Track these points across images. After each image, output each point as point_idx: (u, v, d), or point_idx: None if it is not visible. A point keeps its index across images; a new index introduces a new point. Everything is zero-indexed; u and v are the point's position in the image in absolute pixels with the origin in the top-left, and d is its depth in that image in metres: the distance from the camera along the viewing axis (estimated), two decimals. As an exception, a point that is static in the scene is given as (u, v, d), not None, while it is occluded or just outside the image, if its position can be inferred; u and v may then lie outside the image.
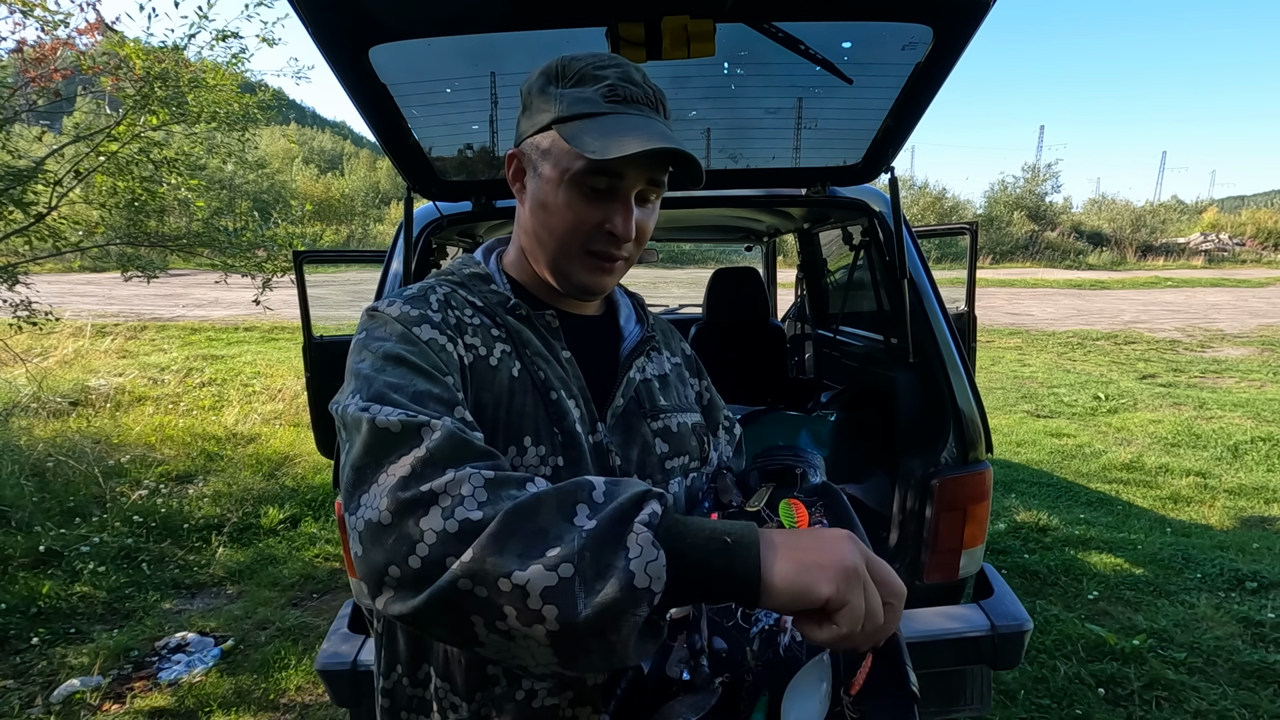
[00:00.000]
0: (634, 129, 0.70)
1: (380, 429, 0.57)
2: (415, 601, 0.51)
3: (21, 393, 5.43)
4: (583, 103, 0.72)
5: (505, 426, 0.73)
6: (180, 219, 5.74)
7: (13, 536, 3.41)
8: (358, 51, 1.12)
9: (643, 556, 0.49)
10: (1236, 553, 3.45)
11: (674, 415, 0.87)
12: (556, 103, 0.73)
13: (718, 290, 3.10)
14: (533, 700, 0.74)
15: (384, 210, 30.54)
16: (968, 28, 1.11)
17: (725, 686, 0.61)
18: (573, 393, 0.78)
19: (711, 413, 0.99)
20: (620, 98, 0.72)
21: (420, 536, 0.51)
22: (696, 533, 0.52)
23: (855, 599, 0.51)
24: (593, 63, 0.74)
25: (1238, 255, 26.30)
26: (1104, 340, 9.98)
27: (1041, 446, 5.36)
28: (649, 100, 0.74)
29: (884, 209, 1.94)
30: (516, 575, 0.48)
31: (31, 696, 2.38)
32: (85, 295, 12.30)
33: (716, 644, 0.65)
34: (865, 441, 2.32)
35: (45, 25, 4.12)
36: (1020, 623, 1.64)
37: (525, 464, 0.72)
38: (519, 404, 0.74)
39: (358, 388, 0.63)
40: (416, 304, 0.75)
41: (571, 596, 0.48)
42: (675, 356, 0.96)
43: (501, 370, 0.75)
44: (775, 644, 0.65)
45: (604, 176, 0.72)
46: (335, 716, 2.33)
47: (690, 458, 0.87)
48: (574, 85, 0.73)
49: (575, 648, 0.49)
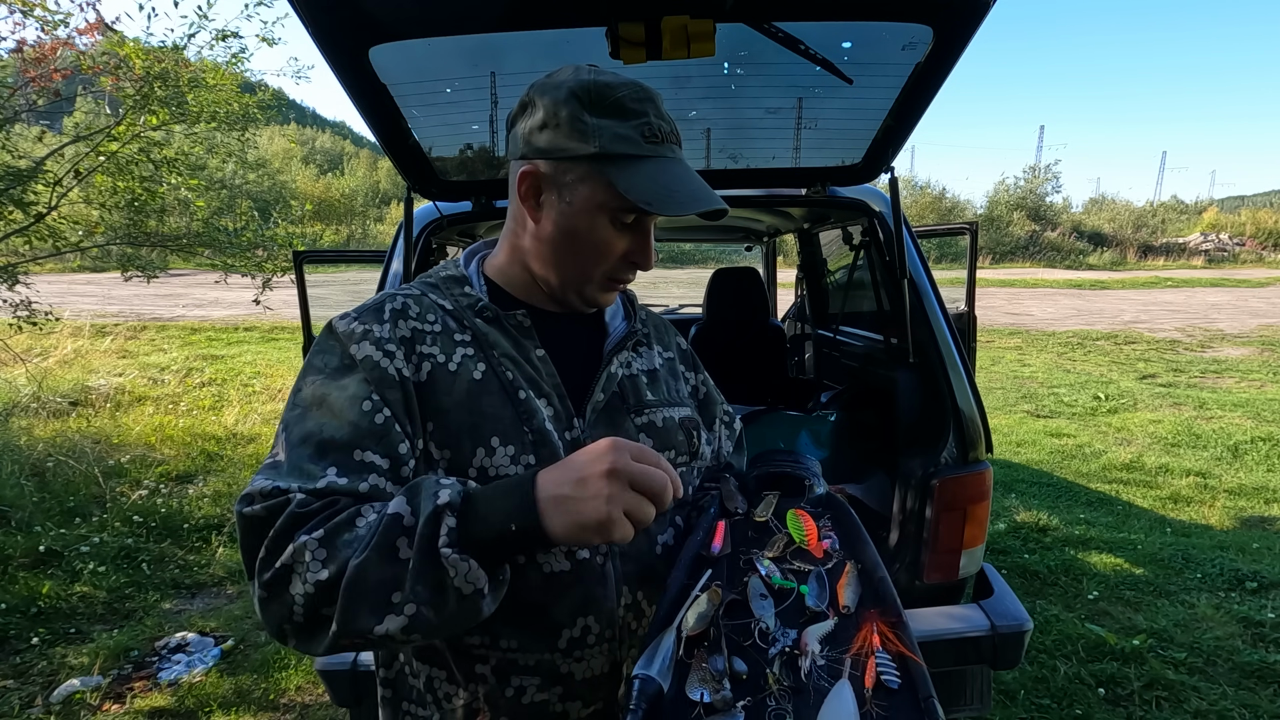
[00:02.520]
0: (680, 180, 0.74)
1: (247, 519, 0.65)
2: (319, 648, 0.62)
3: (21, 393, 5.43)
4: (623, 141, 0.73)
5: (470, 429, 0.75)
6: (180, 219, 5.73)
7: (13, 536, 3.41)
8: (358, 51, 1.12)
9: (458, 573, 0.59)
10: (1236, 553, 3.45)
11: (660, 410, 0.87)
12: (595, 136, 0.73)
13: (718, 290, 3.10)
14: (521, 697, 0.76)
15: (384, 210, 30.52)
16: (968, 28, 1.11)
17: (747, 710, 0.60)
18: (544, 391, 0.79)
19: (707, 407, 0.99)
20: (657, 138, 0.75)
21: (293, 601, 0.61)
22: (489, 528, 0.60)
23: (621, 532, 0.59)
24: (628, 94, 0.74)
25: (1238, 255, 26.29)
26: (1104, 340, 9.98)
27: (1041, 446, 5.36)
28: (674, 138, 0.78)
29: (884, 209, 1.94)
30: (377, 630, 0.59)
31: (31, 696, 2.38)
32: (85, 295, 12.29)
33: (737, 665, 0.64)
34: (865, 441, 2.32)
35: (45, 25, 4.13)
36: (1020, 623, 1.64)
37: (495, 464, 0.75)
38: (483, 406, 0.76)
39: (273, 452, 0.70)
40: (365, 318, 0.77)
41: (425, 621, 0.60)
42: (668, 351, 0.96)
43: (462, 375, 0.76)
44: (797, 667, 0.64)
45: (637, 213, 0.76)
46: (335, 716, 2.33)
47: (677, 452, 0.87)
48: (609, 116, 0.73)
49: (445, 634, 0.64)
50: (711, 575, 0.73)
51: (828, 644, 0.66)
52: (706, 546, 0.77)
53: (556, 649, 0.76)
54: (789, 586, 0.73)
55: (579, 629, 0.76)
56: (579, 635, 0.76)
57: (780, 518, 0.81)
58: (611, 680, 0.79)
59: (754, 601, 0.71)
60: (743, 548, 0.78)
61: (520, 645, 0.76)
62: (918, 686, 0.61)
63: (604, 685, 0.78)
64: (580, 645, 0.76)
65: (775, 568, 0.75)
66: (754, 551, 0.77)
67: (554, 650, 0.76)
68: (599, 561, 0.77)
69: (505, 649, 0.76)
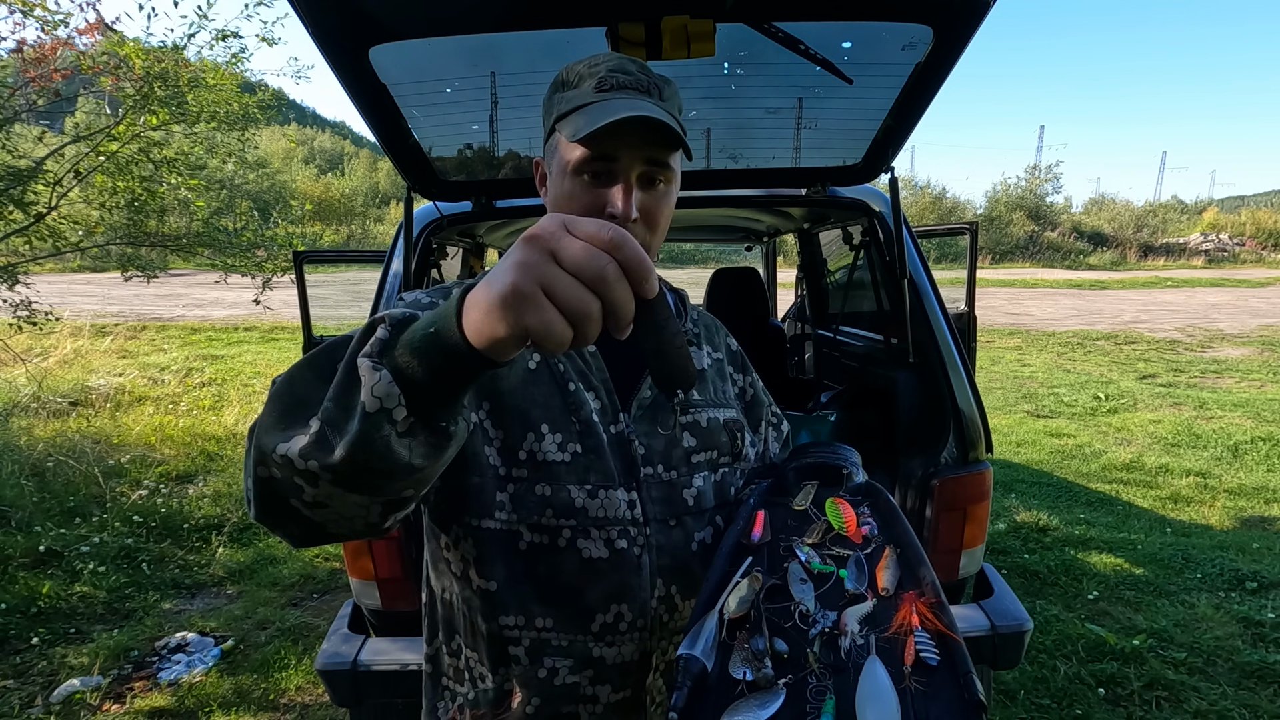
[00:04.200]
0: (617, 110, 0.70)
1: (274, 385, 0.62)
2: (253, 509, 0.57)
3: (21, 393, 5.43)
4: (576, 98, 0.75)
5: (521, 414, 0.77)
6: (180, 219, 5.74)
7: (13, 536, 3.41)
8: (358, 51, 1.12)
9: (365, 384, 0.49)
10: (1236, 553, 3.45)
11: (705, 410, 0.87)
12: (557, 106, 0.77)
13: (718, 290, 3.10)
14: (554, 678, 0.78)
15: (384, 210, 30.54)
16: (968, 28, 1.11)
17: (789, 688, 0.62)
18: (592, 385, 0.81)
19: (754, 409, 0.98)
20: (610, 86, 0.74)
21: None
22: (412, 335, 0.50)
23: (536, 317, 0.42)
24: (589, 63, 0.77)
25: (1238, 255, 26.29)
26: (1104, 340, 9.98)
27: (1041, 446, 5.36)
28: (641, 86, 0.75)
29: (884, 209, 1.94)
30: (279, 449, 0.52)
31: (31, 696, 2.38)
32: (85, 295, 12.29)
33: (778, 645, 0.65)
34: (865, 441, 2.31)
35: (45, 25, 4.13)
36: (1020, 623, 1.64)
37: (544, 449, 0.77)
38: (535, 394, 0.79)
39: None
40: (433, 294, 0.80)
41: (326, 445, 0.51)
42: (717, 352, 0.96)
43: (518, 362, 0.79)
44: (837, 646, 0.65)
45: (600, 162, 0.74)
46: (335, 716, 2.33)
47: (720, 453, 0.87)
48: (574, 88, 0.77)
49: (358, 480, 0.52)
50: (752, 562, 0.75)
51: (867, 624, 0.67)
52: (747, 535, 0.78)
53: (590, 632, 0.78)
54: (828, 570, 0.74)
55: (612, 615, 0.78)
56: (611, 621, 0.78)
57: (819, 506, 0.82)
58: (641, 668, 0.80)
59: (794, 585, 0.72)
60: (782, 535, 0.79)
61: (555, 626, 0.78)
62: (956, 663, 0.62)
63: (633, 672, 0.80)
64: (613, 631, 0.78)
65: (815, 553, 0.76)
66: (793, 539, 0.78)
67: (587, 633, 0.78)
68: (635, 552, 0.78)
69: (540, 629, 0.78)
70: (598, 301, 0.43)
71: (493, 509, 0.77)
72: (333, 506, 0.55)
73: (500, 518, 0.77)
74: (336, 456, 0.50)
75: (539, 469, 0.77)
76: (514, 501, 0.77)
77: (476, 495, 0.77)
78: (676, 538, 0.81)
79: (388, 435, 0.50)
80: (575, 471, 0.78)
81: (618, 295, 0.43)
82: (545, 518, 0.77)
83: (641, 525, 0.79)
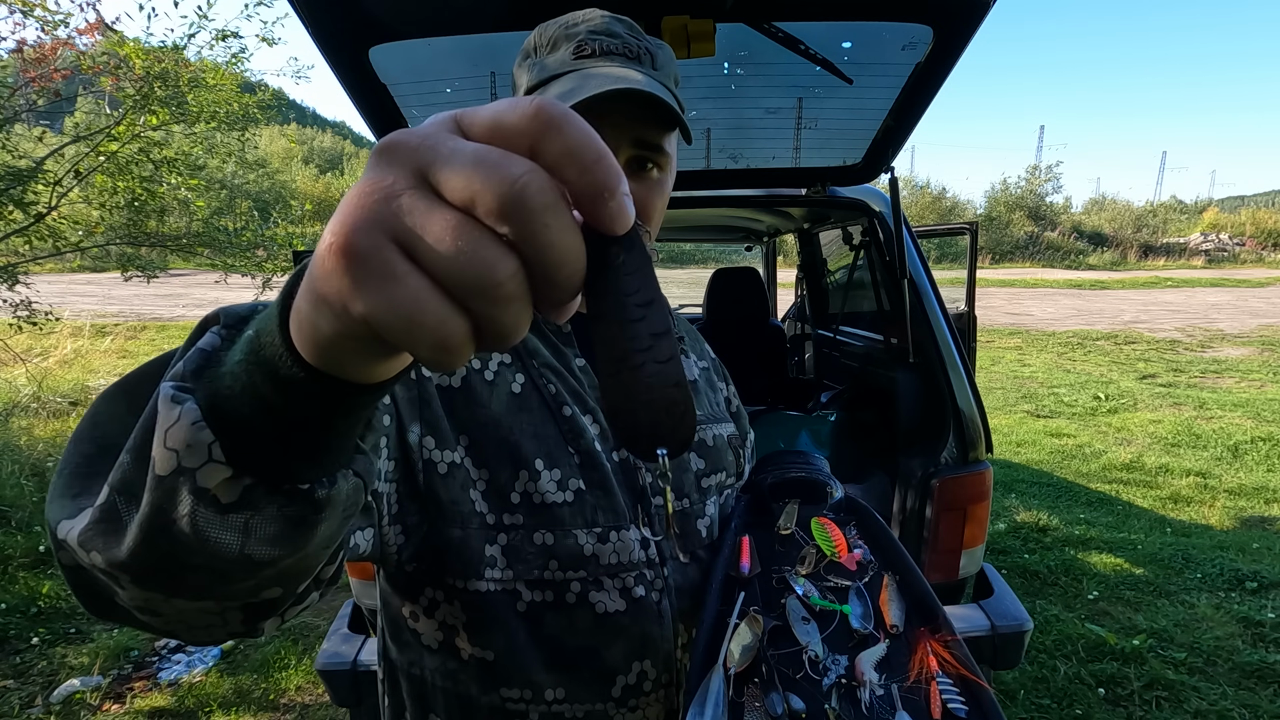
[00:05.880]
0: (599, 82, 0.58)
1: None
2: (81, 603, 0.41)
3: (21, 393, 5.42)
4: (552, 66, 0.63)
5: (511, 449, 0.64)
6: (180, 219, 5.73)
7: (13, 536, 3.41)
8: (358, 51, 1.13)
9: (161, 427, 0.30)
10: (1236, 553, 3.45)
11: (710, 427, 0.78)
12: (528, 74, 0.65)
13: (718, 290, 3.10)
14: None
15: (384, 210, 30.46)
16: (968, 28, 1.11)
17: None
18: (589, 407, 0.69)
19: (739, 420, 0.88)
20: (590, 52, 0.62)
21: None
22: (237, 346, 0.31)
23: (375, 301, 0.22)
24: (566, 23, 0.65)
25: (1238, 255, 26.30)
26: (1104, 340, 9.98)
27: (1041, 446, 5.36)
28: (629, 51, 0.63)
29: (884, 209, 1.94)
30: (63, 528, 0.35)
31: (31, 696, 2.38)
32: (85, 295, 12.29)
33: (795, 704, 0.60)
34: (865, 441, 2.32)
35: (45, 25, 4.13)
36: (1020, 623, 1.64)
37: (540, 489, 0.64)
38: (524, 423, 0.66)
39: None
40: None
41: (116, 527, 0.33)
42: (703, 360, 0.84)
43: (499, 385, 0.66)
44: (857, 700, 0.60)
45: None
46: (335, 716, 2.33)
47: (727, 474, 0.78)
48: (549, 53, 0.64)
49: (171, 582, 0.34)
50: (746, 599, 0.69)
51: (884, 671, 0.63)
52: (735, 566, 0.72)
53: (610, 698, 0.66)
54: (831, 609, 0.69)
55: (634, 675, 0.67)
56: (634, 682, 0.67)
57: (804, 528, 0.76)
58: None
59: (796, 626, 0.67)
60: (774, 566, 0.73)
61: (568, 695, 0.65)
62: (987, 714, 0.58)
63: None
64: (636, 693, 0.67)
65: (813, 586, 0.71)
66: (785, 569, 0.73)
67: (607, 699, 0.66)
68: (654, 598, 0.68)
69: (550, 701, 0.65)
70: (510, 255, 0.22)
71: (481, 567, 0.63)
72: (166, 615, 0.36)
73: (492, 576, 0.63)
74: (124, 549, 0.32)
75: (537, 513, 0.64)
76: (508, 555, 0.64)
77: (458, 552, 0.63)
78: (692, 575, 0.71)
79: (191, 510, 0.30)
80: (580, 513, 0.65)
81: (550, 235, 0.22)
82: (549, 571, 0.64)
83: (659, 566, 0.69)
